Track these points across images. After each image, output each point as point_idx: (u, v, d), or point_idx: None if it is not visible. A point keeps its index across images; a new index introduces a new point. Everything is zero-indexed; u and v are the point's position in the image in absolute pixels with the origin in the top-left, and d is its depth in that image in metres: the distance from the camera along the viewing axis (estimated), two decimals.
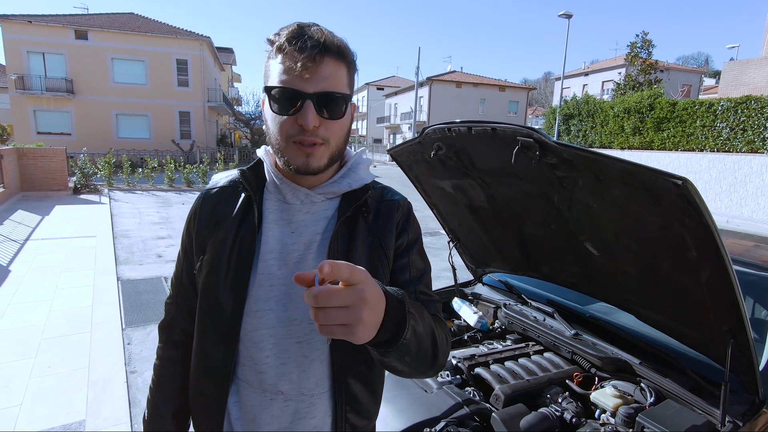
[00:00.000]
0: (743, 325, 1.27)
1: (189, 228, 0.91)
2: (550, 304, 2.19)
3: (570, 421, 1.50)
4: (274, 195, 0.86)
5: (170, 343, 0.95)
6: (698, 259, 1.23)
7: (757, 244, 2.51)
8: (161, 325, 0.97)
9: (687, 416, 1.44)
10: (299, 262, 0.82)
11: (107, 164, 12.63)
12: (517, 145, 1.38)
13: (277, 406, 0.81)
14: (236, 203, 0.87)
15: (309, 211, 0.85)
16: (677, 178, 1.03)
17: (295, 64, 0.72)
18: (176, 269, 0.96)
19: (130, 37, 22.70)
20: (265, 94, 0.78)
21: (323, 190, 0.85)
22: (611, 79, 29.85)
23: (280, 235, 0.83)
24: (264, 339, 0.80)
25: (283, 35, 0.74)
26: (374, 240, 0.86)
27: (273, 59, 0.76)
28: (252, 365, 0.81)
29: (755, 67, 15.53)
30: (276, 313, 0.80)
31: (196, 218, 0.89)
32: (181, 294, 0.94)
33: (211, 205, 0.88)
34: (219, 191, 0.90)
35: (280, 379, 0.81)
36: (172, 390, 0.94)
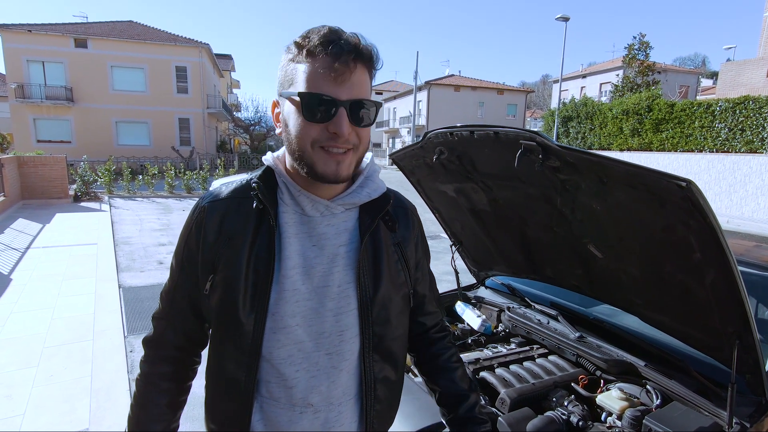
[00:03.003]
0: (749, 326, 1.27)
1: (190, 242, 0.83)
2: (554, 306, 2.19)
3: (576, 424, 1.50)
4: (291, 207, 0.81)
5: (160, 358, 0.88)
6: (703, 261, 1.23)
7: (759, 244, 2.51)
8: (148, 340, 0.90)
9: (694, 418, 1.43)
10: (325, 276, 0.81)
11: (107, 171, 12.65)
12: (520, 149, 1.38)
13: (307, 419, 0.81)
14: (248, 216, 0.80)
15: (330, 223, 0.83)
16: (681, 179, 1.04)
17: (328, 69, 0.70)
18: (169, 284, 0.89)
19: (130, 45, 22.81)
20: (283, 98, 0.76)
21: (344, 201, 0.83)
22: (609, 81, 29.97)
23: (301, 248, 0.80)
24: (293, 354, 0.79)
25: (314, 39, 0.71)
26: (397, 250, 0.90)
27: (300, 63, 0.73)
28: (280, 381, 0.79)
29: (752, 68, 15.59)
30: (303, 328, 0.79)
31: (202, 232, 0.81)
32: (173, 311, 0.87)
33: (218, 217, 0.80)
34: (225, 202, 0.82)
35: (310, 392, 0.80)
36: (161, 408, 0.87)
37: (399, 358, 0.92)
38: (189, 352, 0.91)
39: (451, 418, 1.00)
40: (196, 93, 24.51)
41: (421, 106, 35.25)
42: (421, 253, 0.98)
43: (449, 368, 1.02)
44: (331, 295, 0.81)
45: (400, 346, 0.91)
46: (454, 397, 1.00)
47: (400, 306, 0.89)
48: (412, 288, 0.94)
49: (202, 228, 0.81)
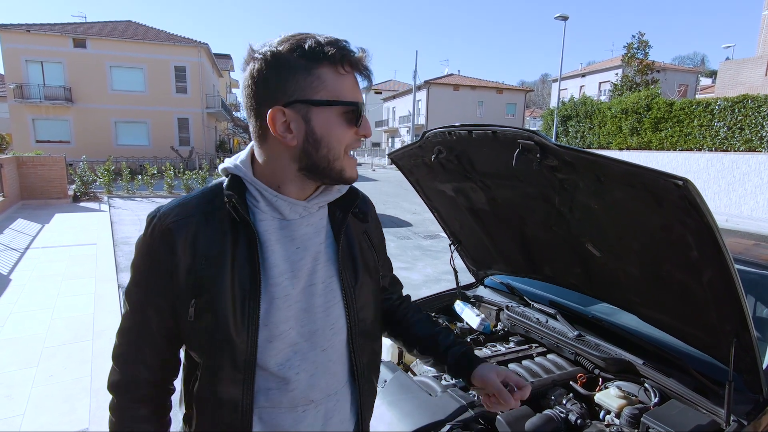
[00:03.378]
0: (746, 324, 1.28)
1: (158, 268, 0.76)
2: (553, 305, 2.19)
3: (575, 422, 1.50)
4: (269, 213, 0.80)
5: (136, 401, 0.82)
6: (700, 259, 1.24)
7: (757, 242, 2.51)
8: (117, 384, 0.82)
9: (691, 416, 1.44)
10: (311, 275, 0.82)
11: (107, 172, 12.64)
12: (518, 148, 1.38)
13: (310, 415, 0.82)
14: (221, 230, 0.77)
15: (309, 224, 0.84)
16: (678, 178, 1.04)
17: (354, 76, 0.77)
18: (132, 319, 0.81)
19: (129, 45, 22.79)
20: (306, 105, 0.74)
21: (319, 200, 0.84)
22: (608, 80, 29.97)
23: (285, 253, 0.80)
24: (290, 357, 0.80)
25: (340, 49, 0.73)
26: (366, 238, 0.95)
27: (324, 68, 0.73)
28: (282, 386, 0.80)
29: (751, 67, 15.60)
30: (296, 330, 0.80)
31: (171, 254, 0.75)
32: (145, 348, 0.81)
33: (188, 237, 0.75)
34: (192, 219, 0.77)
35: (311, 390, 0.82)
36: None
37: (379, 335, 1.00)
38: (165, 386, 0.86)
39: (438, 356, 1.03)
40: (195, 93, 24.49)
41: (421, 106, 35.25)
42: (381, 237, 1.04)
43: (416, 320, 1.09)
44: (317, 292, 0.83)
45: (378, 324, 0.98)
46: (430, 338, 1.05)
47: (376, 289, 0.95)
48: (381, 272, 1.00)
49: (172, 250, 0.75)
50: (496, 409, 0.93)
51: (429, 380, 1.68)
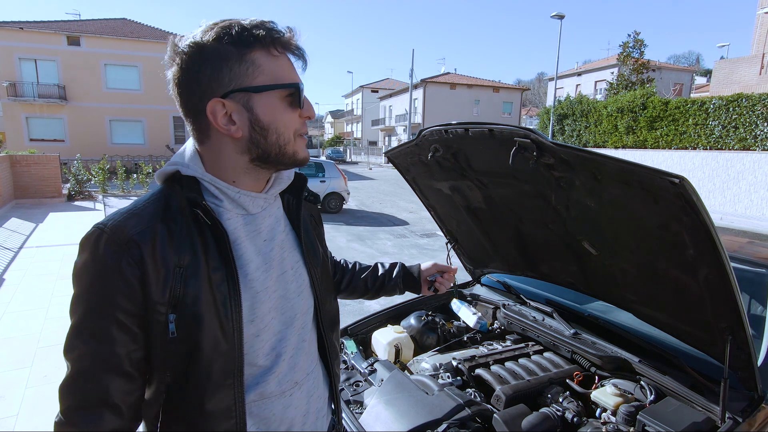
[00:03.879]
0: (741, 322, 1.28)
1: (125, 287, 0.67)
2: (549, 303, 2.20)
3: (571, 420, 1.51)
4: (234, 211, 0.78)
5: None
6: (696, 257, 1.24)
7: (752, 240, 2.52)
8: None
9: (687, 413, 1.45)
10: (281, 264, 0.85)
11: (101, 170, 12.55)
12: (515, 146, 1.38)
13: (297, 395, 0.86)
14: (186, 236, 0.71)
15: (270, 214, 0.85)
16: (674, 176, 1.04)
17: (288, 58, 0.75)
18: (90, 356, 0.68)
19: (123, 43, 22.64)
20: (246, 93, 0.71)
21: (275, 190, 0.85)
22: (604, 79, 30.08)
23: (255, 247, 0.80)
24: (275, 346, 0.82)
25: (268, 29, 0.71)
26: (312, 218, 1.00)
27: (265, 54, 0.71)
28: (269, 376, 0.80)
29: (746, 66, 15.69)
30: (278, 319, 0.83)
31: (142, 270, 0.67)
32: (108, 386, 0.68)
33: (155, 249, 0.68)
34: (153, 230, 0.69)
35: (293, 372, 0.85)
36: None
37: (336, 303, 1.04)
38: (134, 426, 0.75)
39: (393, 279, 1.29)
40: None
41: (417, 104, 35.25)
42: (320, 217, 1.07)
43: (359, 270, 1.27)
44: (289, 278, 0.86)
45: (334, 294, 1.04)
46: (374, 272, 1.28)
47: (327, 262, 1.01)
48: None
49: (140, 265, 0.67)
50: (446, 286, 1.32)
51: (426, 379, 1.68)
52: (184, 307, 0.70)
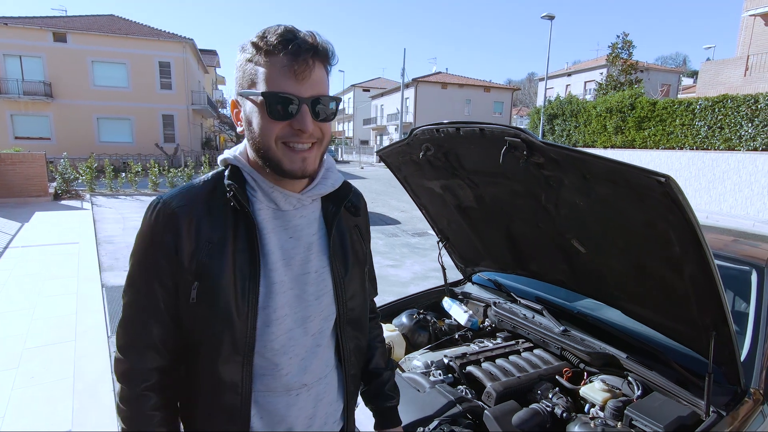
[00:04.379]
0: (725, 318, 1.31)
1: (163, 252, 0.78)
2: (539, 301, 2.22)
3: (560, 416, 1.53)
4: (265, 203, 0.83)
5: (148, 391, 0.81)
6: (681, 255, 1.27)
7: (736, 238, 2.57)
8: (126, 374, 0.81)
9: (673, 408, 1.47)
10: (303, 265, 0.86)
11: (89, 169, 12.37)
12: (505, 145, 1.40)
13: (303, 397, 0.87)
14: (222, 217, 0.80)
15: (302, 215, 0.87)
16: (660, 175, 1.06)
17: (290, 68, 0.72)
18: (137, 305, 0.80)
19: (111, 40, 22.30)
20: (243, 98, 0.78)
21: (312, 193, 0.86)
22: (593, 79, 30.39)
23: (279, 241, 0.83)
24: (285, 343, 0.83)
25: (272, 38, 0.72)
26: (356, 231, 0.98)
27: (259, 63, 0.74)
28: (275, 372, 0.83)
29: (731, 67, 15.96)
30: (291, 317, 0.84)
31: (176, 236, 0.77)
32: (150, 331, 0.80)
33: (191, 224, 0.78)
34: (194, 207, 0.79)
35: (303, 374, 0.86)
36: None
37: (365, 325, 1.02)
38: (173, 374, 0.85)
39: (364, 391, 1.11)
40: (180, 89, 24.09)
41: (409, 104, 35.28)
42: (368, 230, 1.06)
43: (372, 347, 1.11)
44: (310, 280, 0.86)
45: (364, 314, 1.01)
46: (369, 373, 1.10)
47: (363, 280, 0.99)
48: (368, 264, 1.03)
49: (177, 233, 0.77)
50: None
51: (417, 377, 1.69)
52: (207, 278, 0.77)
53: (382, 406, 1.10)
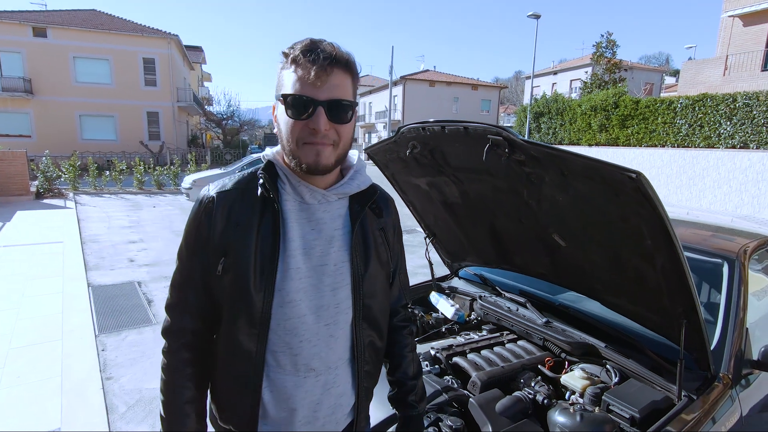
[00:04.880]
0: (695, 307, 1.39)
1: (201, 231, 0.90)
2: (523, 294, 2.29)
3: (542, 402, 1.59)
4: (292, 196, 0.91)
5: (182, 347, 0.93)
6: (653, 247, 1.34)
7: (714, 233, 2.67)
8: (168, 330, 0.95)
9: (647, 393, 1.55)
10: (323, 256, 0.92)
11: (72, 167, 12.14)
12: (488, 143, 1.45)
13: (310, 382, 0.92)
14: (253, 204, 0.90)
15: (326, 210, 0.94)
16: (632, 171, 1.12)
17: (308, 74, 0.81)
18: (180, 273, 0.94)
19: (93, 35, 21.86)
20: (277, 100, 0.88)
21: (337, 191, 0.94)
22: (579, 77, 30.79)
23: (301, 231, 0.91)
24: (298, 326, 0.90)
25: (297, 48, 0.83)
26: (381, 234, 1.03)
27: (287, 70, 0.84)
28: (286, 350, 0.90)
29: (711, 67, 16.34)
30: (305, 303, 0.90)
31: (212, 219, 0.89)
32: (189, 297, 0.93)
33: (226, 207, 0.89)
34: (231, 193, 0.91)
35: (312, 358, 0.91)
36: (192, 392, 0.94)
37: (383, 326, 1.05)
38: (205, 337, 0.96)
39: (390, 396, 1.17)
40: (165, 86, 23.75)
41: (397, 101, 35.30)
42: (398, 237, 1.10)
43: (402, 356, 1.15)
44: (328, 272, 0.92)
45: (384, 315, 1.05)
46: (397, 381, 1.15)
47: (384, 282, 1.03)
48: (392, 267, 1.07)
49: (211, 217, 0.89)
50: None
51: None
52: (232, 254, 0.87)
53: (405, 413, 1.14)
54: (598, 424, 1.40)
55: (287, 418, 0.92)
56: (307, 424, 0.94)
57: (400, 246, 1.12)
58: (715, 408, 1.52)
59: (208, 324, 0.94)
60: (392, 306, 1.12)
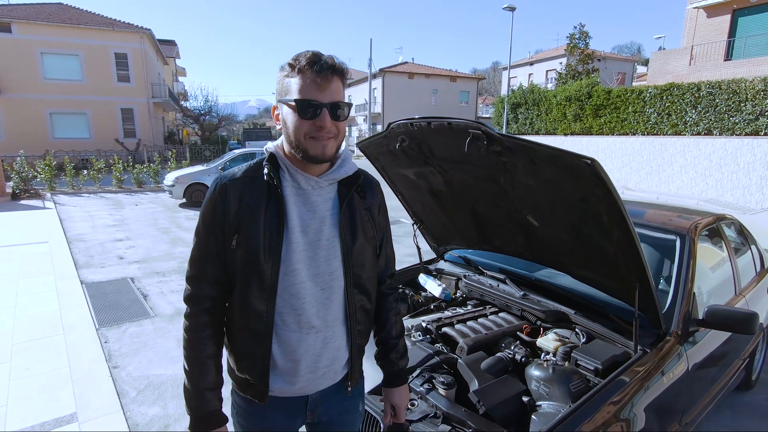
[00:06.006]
0: (645, 272, 1.64)
1: (216, 212, 1.06)
2: (502, 272, 2.54)
3: (520, 360, 1.84)
4: (291, 183, 1.09)
5: (201, 311, 1.09)
6: (609, 222, 1.58)
7: (680, 214, 2.94)
8: (189, 297, 1.10)
9: (609, 349, 1.81)
10: (317, 233, 1.10)
11: (48, 167, 11.89)
12: (469, 137, 1.66)
13: (312, 337, 1.10)
14: (260, 190, 1.06)
15: (319, 194, 1.11)
16: (587, 158, 1.36)
17: (313, 82, 0.99)
18: (198, 249, 1.10)
19: (61, 30, 21.14)
20: (281, 103, 1.04)
21: (328, 177, 1.11)
22: (554, 68, 31.40)
23: (299, 212, 1.08)
24: (300, 291, 1.08)
25: (302, 60, 0.99)
26: (367, 212, 1.20)
27: (293, 78, 1.01)
28: (291, 311, 1.08)
29: (678, 57, 17.00)
30: (305, 272, 1.08)
31: (226, 202, 1.05)
32: (206, 268, 1.08)
33: (237, 192, 1.06)
34: (241, 180, 1.07)
35: (313, 317, 1.09)
36: (212, 348, 1.10)
37: (372, 292, 1.22)
38: (220, 302, 1.12)
39: (376, 354, 1.35)
40: (139, 81, 23.20)
41: (377, 94, 35.30)
42: (383, 216, 1.27)
43: (387, 318, 1.32)
44: (322, 246, 1.10)
45: (372, 283, 1.22)
46: (380, 341, 1.33)
47: (371, 253, 1.21)
48: (378, 241, 1.24)
49: (226, 200, 1.05)
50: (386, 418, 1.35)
51: None
52: (244, 231, 1.04)
53: (388, 369, 1.32)
54: (567, 375, 1.65)
55: (293, 368, 1.10)
56: (310, 373, 1.11)
57: (386, 223, 1.29)
58: (666, 359, 1.79)
59: (223, 291, 1.10)
60: (380, 275, 1.28)
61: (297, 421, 1.20)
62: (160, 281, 5.00)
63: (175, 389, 2.80)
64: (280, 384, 1.11)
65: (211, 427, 1.09)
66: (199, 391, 1.08)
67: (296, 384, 1.12)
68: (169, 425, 2.45)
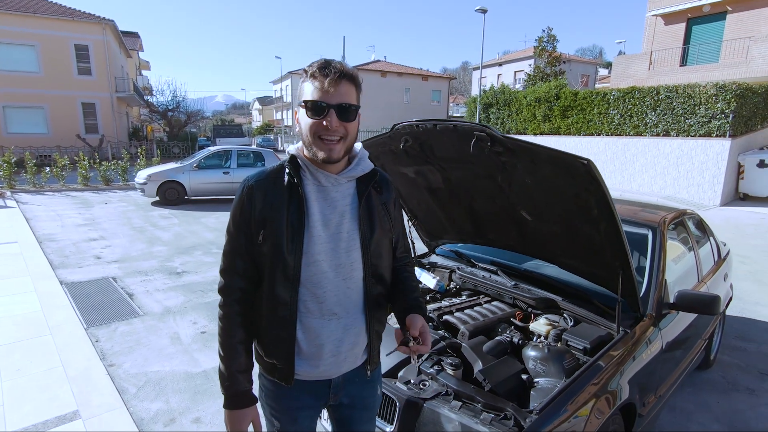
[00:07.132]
0: (628, 260, 1.84)
1: (244, 210, 1.16)
2: (494, 264, 2.71)
3: (517, 343, 2.01)
4: (312, 180, 1.17)
5: (233, 301, 1.19)
6: (598, 214, 1.77)
7: (643, 209, 3.22)
8: (222, 288, 1.21)
9: (595, 330, 2.01)
10: (338, 226, 1.18)
11: (6, 164, 11.28)
12: (474, 138, 1.81)
13: (333, 323, 1.19)
14: (282, 189, 1.15)
15: (338, 191, 1.20)
16: (584, 159, 1.53)
17: (322, 85, 1.08)
18: (229, 244, 1.19)
19: (15, 18, 19.98)
20: (299, 107, 1.14)
21: (346, 175, 1.20)
22: (522, 69, 32.32)
23: (320, 208, 1.17)
24: (321, 280, 1.17)
25: (314, 66, 1.10)
26: (383, 207, 1.30)
27: (306, 82, 1.11)
28: (314, 299, 1.17)
29: (638, 61, 17.92)
30: (326, 263, 1.17)
31: (252, 201, 1.14)
32: (236, 262, 1.18)
33: (263, 191, 1.15)
34: (266, 181, 1.16)
35: (334, 305, 1.19)
36: (243, 335, 1.20)
37: (388, 281, 1.32)
38: (250, 293, 1.20)
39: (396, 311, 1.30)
40: (101, 75, 22.24)
41: None
42: (398, 210, 1.36)
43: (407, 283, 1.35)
44: (342, 238, 1.18)
45: (388, 273, 1.32)
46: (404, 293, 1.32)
47: (388, 245, 1.30)
48: (394, 234, 1.33)
49: (252, 199, 1.15)
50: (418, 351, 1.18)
51: None
52: (269, 227, 1.13)
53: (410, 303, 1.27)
54: (560, 354, 1.83)
55: (317, 353, 1.18)
56: (332, 357, 1.20)
57: (400, 216, 1.38)
58: (644, 337, 2.01)
59: (253, 283, 1.19)
60: (398, 254, 1.35)
61: (320, 402, 1.29)
62: (144, 280, 4.93)
63: (176, 384, 2.82)
64: (305, 367, 1.20)
65: (242, 405, 1.19)
66: (232, 373, 1.18)
67: (320, 367, 1.20)
68: (175, 419, 2.49)
